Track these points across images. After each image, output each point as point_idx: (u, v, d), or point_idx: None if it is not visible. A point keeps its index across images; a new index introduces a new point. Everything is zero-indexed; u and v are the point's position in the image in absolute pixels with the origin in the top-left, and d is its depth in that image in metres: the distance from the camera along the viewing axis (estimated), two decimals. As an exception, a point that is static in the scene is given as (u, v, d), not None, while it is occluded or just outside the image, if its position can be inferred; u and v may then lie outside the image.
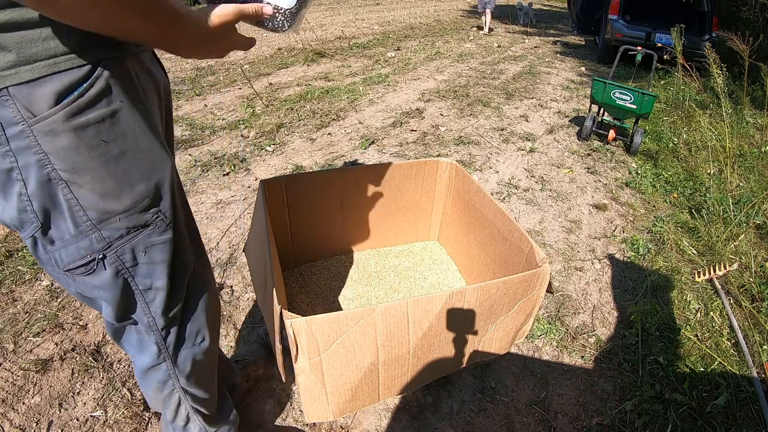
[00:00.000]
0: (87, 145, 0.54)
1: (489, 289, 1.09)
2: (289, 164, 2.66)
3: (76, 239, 0.59)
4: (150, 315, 0.70)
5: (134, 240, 0.62)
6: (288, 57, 5.27)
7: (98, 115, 0.54)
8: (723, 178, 2.59)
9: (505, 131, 3.38)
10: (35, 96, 0.50)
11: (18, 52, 0.48)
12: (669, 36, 4.12)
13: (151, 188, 0.61)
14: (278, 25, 0.65)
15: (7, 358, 1.37)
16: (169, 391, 0.83)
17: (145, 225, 0.62)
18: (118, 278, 0.63)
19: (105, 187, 0.57)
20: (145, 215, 0.61)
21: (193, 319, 0.77)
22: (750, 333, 1.61)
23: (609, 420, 1.30)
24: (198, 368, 0.83)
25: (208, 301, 0.80)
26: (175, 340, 0.76)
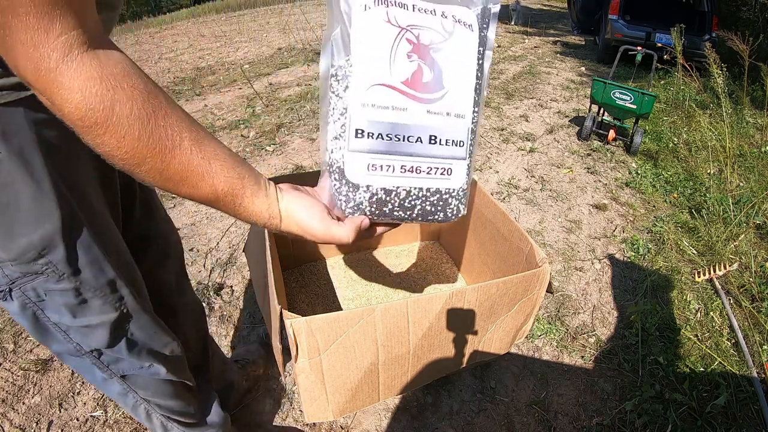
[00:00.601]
0: None
1: (489, 289, 1.09)
2: (289, 164, 2.66)
3: None
4: (72, 342, 0.67)
5: (33, 283, 0.59)
6: (288, 57, 5.27)
7: None
8: (723, 178, 2.59)
9: (505, 131, 3.38)
10: None
11: None
12: (669, 36, 4.12)
13: (35, 242, 0.56)
14: None
15: (7, 358, 1.37)
16: (132, 404, 0.80)
17: (37, 273, 0.59)
18: (26, 310, 0.62)
19: None
20: (33, 266, 0.58)
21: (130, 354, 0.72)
22: (750, 333, 1.61)
23: (609, 420, 1.30)
24: (160, 386, 0.79)
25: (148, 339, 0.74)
26: (114, 361, 0.71)
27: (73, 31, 0.38)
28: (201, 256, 1.85)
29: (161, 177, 0.46)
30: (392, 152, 0.50)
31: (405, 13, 0.51)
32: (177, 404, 0.85)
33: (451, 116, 0.51)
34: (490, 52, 0.57)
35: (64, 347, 0.67)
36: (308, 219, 0.54)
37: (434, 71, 0.50)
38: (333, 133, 0.51)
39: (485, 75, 0.56)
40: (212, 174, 0.48)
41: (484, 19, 0.55)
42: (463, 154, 0.54)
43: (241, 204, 0.51)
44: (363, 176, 0.51)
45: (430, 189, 0.53)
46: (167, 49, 5.63)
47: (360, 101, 0.49)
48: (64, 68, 0.38)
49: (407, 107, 0.50)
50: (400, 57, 0.50)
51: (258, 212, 0.53)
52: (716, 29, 5.23)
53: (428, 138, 0.51)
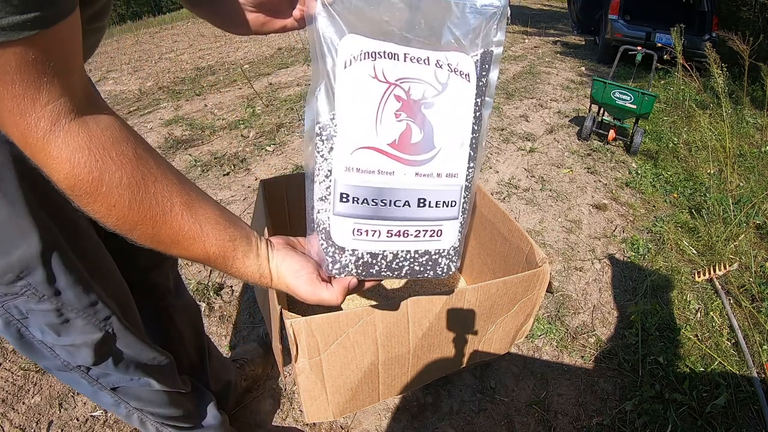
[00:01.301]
0: None
1: (489, 289, 1.09)
2: (289, 164, 2.66)
3: None
4: (59, 358, 0.66)
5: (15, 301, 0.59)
6: (288, 57, 5.27)
7: None
8: (723, 178, 2.59)
9: (505, 131, 3.38)
10: None
11: None
12: (669, 36, 4.11)
13: (12, 264, 0.55)
14: None
15: (7, 358, 1.37)
16: (125, 413, 0.80)
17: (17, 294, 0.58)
18: (11, 327, 0.61)
19: None
20: (12, 287, 0.57)
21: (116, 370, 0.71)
22: (750, 333, 1.61)
23: (609, 420, 1.30)
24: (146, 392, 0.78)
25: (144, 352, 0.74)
26: (102, 374, 0.71)
27: (60, 99, 0.37)
28: (201, 256, 1.85)
29: (153, 241, 0.47)
30: (378, 217, 0.49)
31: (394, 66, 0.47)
32: (171, 411, 0.85)
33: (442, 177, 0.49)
34: (490, 99, 0.52)
35: (51, 363, 0.67)
36: (296, 282, 0.55)
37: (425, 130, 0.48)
38: (319, 194, 0.50)
39: (484, 125, 0.53)
40: (204, 237, 0.48)
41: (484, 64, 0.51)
42: (455, 213, 0.51)
43: (233, 265, 0.52)
44: (349, 240, 0.50)
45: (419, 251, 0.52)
46: (167, 49, 5.63)
47: (344, 165, 0.47)
48: (51, 138, 0.38)
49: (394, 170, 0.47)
50: (387, 116, 0.47)
51: (249, 272, 0.53)
52: (716, 29, 5.23)
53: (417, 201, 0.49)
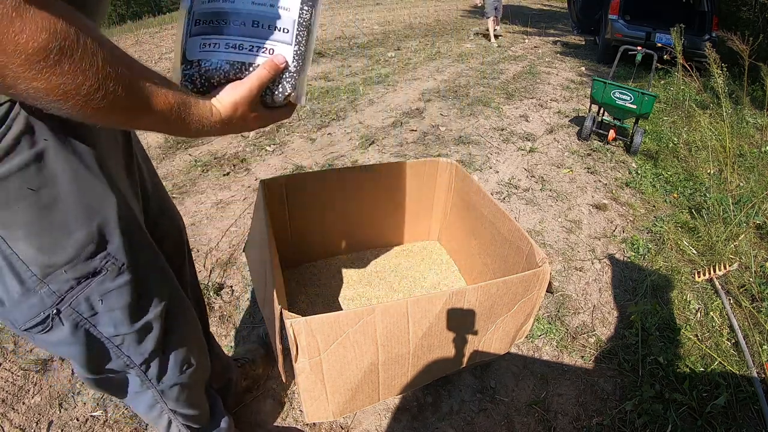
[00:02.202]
0: (14, 196, 0.47)
1: (489, 289, 1.09)
2: (289, 164, 2.66)
3: (26, 297, 0.53)
4: (124, 356, 0.66)
5: (87, 290, 0.56)
6: (288, 57, 5.27)
7: (21, 160, 0.46)
8: (723, 178, 2.59)
9: (505, 131, 3.38)
10: None
11: None
12: (669, 36, 4.11)
13: (93, 233, 0.54)
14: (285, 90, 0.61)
15: (7, 358, 1.37)
16: (158, 413, 0.82)
17: (95, 273, 0.56)
18: (79, 331, 0.58)
19: (41, 240, 0.51)
20: (92, 263, 0.55)
21: (177, 350, 0.74)
22: (750, 333, 1.61)
23: (609, 420, 1.30)
24: (186, 392, 0.82)
25: (188, 336, 0.76)
26: (158, 372, 0.73)
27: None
28: (201, 256, 1.85)
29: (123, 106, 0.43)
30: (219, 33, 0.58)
31: None
32: (196, 412, 0.88)
33: (275, 7, 0.57)
34: None
35: (117, 365, 0.66)
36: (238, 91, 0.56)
37: None
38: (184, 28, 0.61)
39: None
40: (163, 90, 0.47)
41: None
42: (289, 39, 0.58)
43: (191, 110, 0.51)
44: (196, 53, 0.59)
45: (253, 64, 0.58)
46: (167, 49, 5.63)
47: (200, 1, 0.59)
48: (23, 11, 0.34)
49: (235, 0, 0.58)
50: None
51: (205, 114, 0.53)
52: (716, 29, 5.23)
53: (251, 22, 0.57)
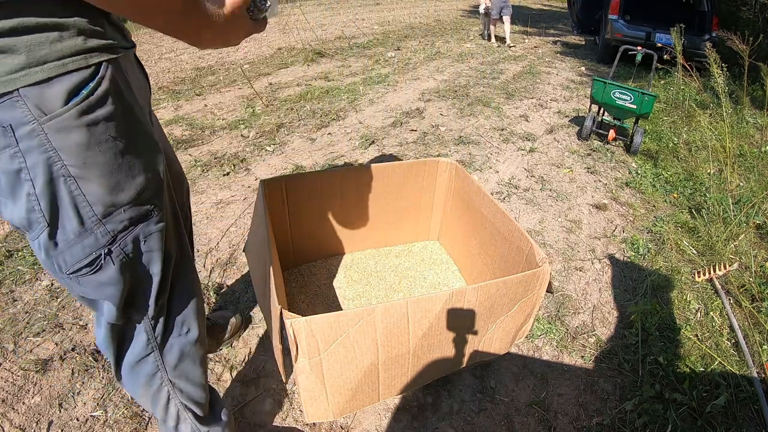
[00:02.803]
0: (97, 140, 0.57)
1: (489, 289, 1.09)
2: (289, 164, 2.66)
3: (81, 238, 0.61)
4: (146, 304, 0.72)
5: (135, 230, 0.65)
6: (288, 57, 5.27)
7: (107, 111, 0.57)
8: (723, 178, 2.59)
9: (505, 131, 3.38)
10: (46, 95, 0.52)
11: (28, 55, 0.50)
12: (669, 36, 4.12)
13: (150, 179, 0.64)
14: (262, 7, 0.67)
15: (7, 358, 1.37)
16: (157, 386, 0.83)
17: (146, 215, 0.65)
18: (124, 271, 0.66)
19: (111, 180, 0.59)
20: (145, 206, 0.64)
21: (178, 309, 0.79)
22: (750, 333, 1.61)
23: (609, 420, 1.30)
24: (186, 361, 0.84)
25: (192, 291, 0.81)
26: (163, 330, 0.78)
27: None
28: (201, 256, 1.85)
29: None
30: None
31: None
32: (195, 391, 0.88)
33: None
34: None
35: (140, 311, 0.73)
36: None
37: None
38: None
39: None
40: None
41: None
42: None
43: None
44: None
45: None
46: (167, 49, 5.62)
47: None
48: None
49: None
50: None
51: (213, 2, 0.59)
52: (716, 29, 5.23)
53: None
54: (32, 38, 0.50)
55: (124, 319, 0.73)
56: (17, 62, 0.50)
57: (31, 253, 1.82)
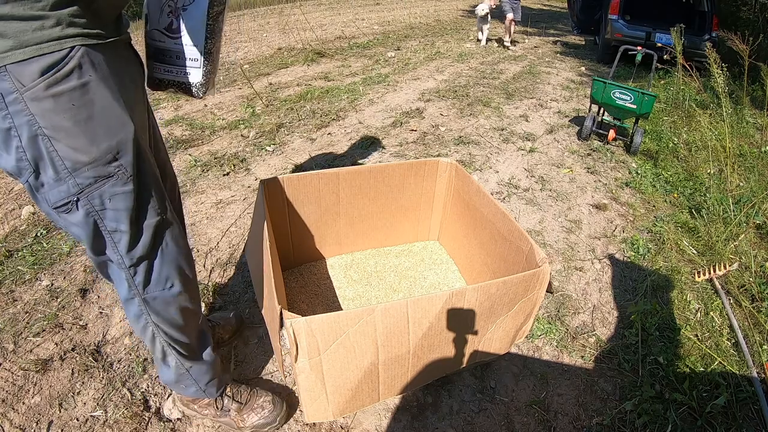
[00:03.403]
0: (62, 108, 0.68)
1: (489, 289, 1.09)
2: (289, 164, 2.66)
3: (58, 184, 0.73)
4: (118, 253, 0.83)
5: (101, 188, 0.75)
6: (288, 57, 5.27)
7: (70, 85, 0.68)
8: (723, 178, 2.59)
9: (505, 131, 3.38)
10: (25, 72, 0.64)
11: (14, 39, 0.62)
12: (669, 36, 4.12)
13: (113, 146, 0.74)
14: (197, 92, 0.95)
15: (7, 358, 1.37)
16: (143, 324, 0.94)
17: (109, 176, 0.75)
18: (89, 218, 0.77)
19: (76, 142, 0.71)
20: (108, 167, 0.75)
21: (161, 264, 0.88)
22: (750, 333, 1.61)
23: (609, 420, 1.30)
24: (169, 309, 0.93)
25: (177, 252, 0.91)
26: (144, 281, 0.88)
27: None
28: (201, 256, 1.85)
29: None
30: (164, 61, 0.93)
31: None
32: (179, 335, 0.98)
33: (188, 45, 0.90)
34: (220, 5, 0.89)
35: (113, 256, 0.84)
36: None
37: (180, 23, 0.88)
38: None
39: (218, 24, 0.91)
40: None
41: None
42: (198, 65, 0.92)
43: None
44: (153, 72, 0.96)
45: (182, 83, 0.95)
46: (167, 49, 5.63)
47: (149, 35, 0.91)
48: None
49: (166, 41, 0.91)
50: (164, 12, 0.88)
51: None
52: (716, 29, 5.23)
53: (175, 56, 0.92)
54: (19, 25, 0.62)
55: (99, 257, 0.85)
56: (6, 45, 0.62)
57: (31, 253, 1.82)
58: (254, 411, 1.17)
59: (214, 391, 1.13)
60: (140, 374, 1.35)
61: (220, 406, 1.16)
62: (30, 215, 2.09)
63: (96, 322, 1.53)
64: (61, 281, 1.70)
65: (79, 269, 1.76)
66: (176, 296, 0.92)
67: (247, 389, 1.21)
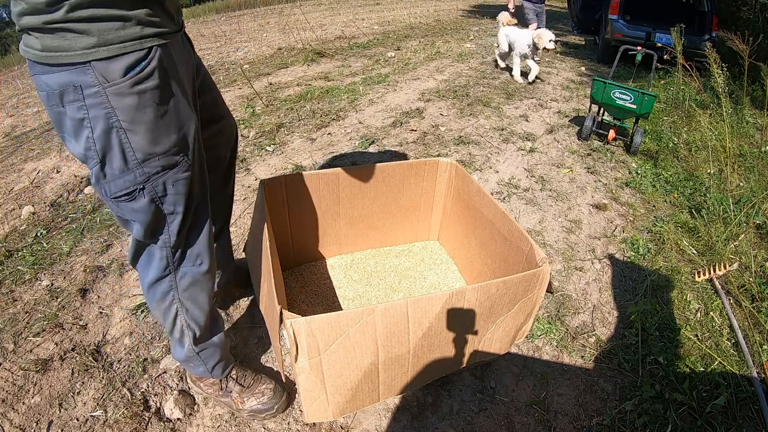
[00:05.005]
0: (144, 104, 0.75)
1: (489, 289, 1.09)
2: (289, 164, 2.66)
3: (124, 174, 0.79)
4: (168, 233, 0.90)
5: (166, 175, 0.83)
6: (288, 57, 5.27)
7: (152, 84, 0.75)
8: (723, 178, 2.59)
9: (505, 131, 3.38)
10: (110, 68, 0.71)
11: (98, 37, 0.69)
12: (669, 36, 4.12)
13: (181, 138, 0.82)
14: None
15: (7, 358, 1.37)
16: (169, 302, 1.01)
17: (175, 164, 0.83)
18: (152, 204, 0.84)
19: (152, 135, 0.78)
20: (175, 157, 0.83)
21: (195, 243, 0.97)
22: (750, 333, 1.61)
23: (609, 420, 1.30)
24: (195, 287, 1.01)
25: (207, 231, 0.98)
26: (180, 258, 0.96)
27: None
28: (201, 256, 1.85)
29: None
30: None
31: None
32: (198, 314, 1.06)
33: None
34: None
35: (162, 237, 0.90)
36: None
37: None
38: None
39: None
40: None
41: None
42: None
43: None
44: None
45: None
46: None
47: None
48: None
49: None
50: None
51: None
52: (716, 29, 5.23)
53: None
54: (102, 25, 0.68)
55: (149, 240, 0.91)
56: (90, 42, 0.68)
57: (31, 253, 1.82)
58: (254, 396, 1.22)
59: (219, 373, 1.20)
60: (140, 374, 1.35)
61: (224, 386, 1.22)
62: (30, 215, 2.10)
63: (96, 322, 1.53)
64: (61, 281, 1.70)
65: (79, 269, 1.76)
66: (203, 274, 1.00)
67: (252, 375, 1.26)
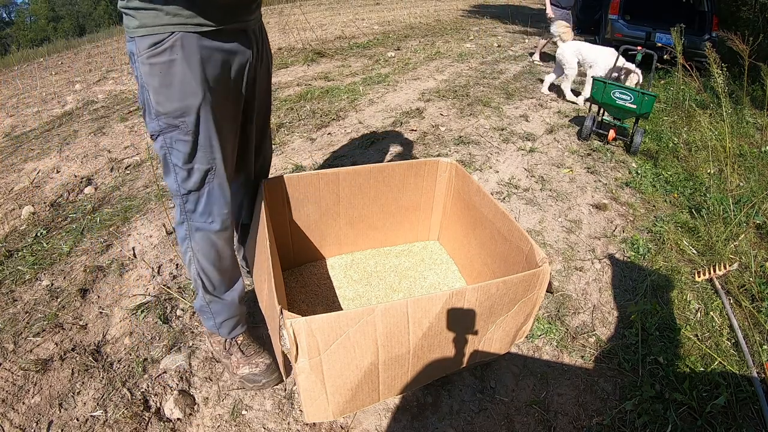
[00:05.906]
0: (153, 73, 0.95)
1: (489, 289, 1.09)
2: (289, 164, 2.66)
3: (151, 120, 1.01)
4: (177, 183, 1.06)
5: (171, 133, 1.01)
6: (288, 57, 5.27)
7: (162, 59, 0.94)
8: (723, 178, 2.59)
9: (505, 131, 3.38)
10: (141, 43, 0.94)
11: (140, 21, 0.92)
12: (669, 36, 4.12)
13: (181, 107, 0.98)
14: None
15: (7, 358, 1.37)
16: (185, 247, 1.15)
17: (176, 126, 1.00)
18: (162, 150, 1.03)
19: (159, 98, 0.97)
20: (175, 120, 0.99)
21: (206, 202, 1.09)
22: (750, 333, 1.61)
23: (609, 420, 1.30)
24: (206, 242, 1.13)
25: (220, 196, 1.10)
26: (191, 209, 1.10)
27: None
28: (201, 256, 1.84)
29: None
30: None
31: None
32: (210, 269, 1.17)
33: None
34: None
35: (173, 184, 1.07)
36: None
37: None
38: None
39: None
40: None
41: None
42: None
43: None
44: None
45: None
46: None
47: None
48: None
49: None
50: None
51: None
52: (716, 29, 5.23)
53: None
54: (143, 13, 0.91)
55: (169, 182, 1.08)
56: (135, 23, 0.92)
57: (31, 253, 1.82)
58: (249, 365, 1.30)
59: (226, 332, 1.29)
60: (140, 374, 1.35)
61: (227, 347, 1.32)
62: (30, 215, 2.10)
63: (96, 322, 1.53)
64: (61, 281, 1.70)
65: (79, 269, 1.76)
66: (215, 233, 1.12)
67: (256, 347, 1.34)
